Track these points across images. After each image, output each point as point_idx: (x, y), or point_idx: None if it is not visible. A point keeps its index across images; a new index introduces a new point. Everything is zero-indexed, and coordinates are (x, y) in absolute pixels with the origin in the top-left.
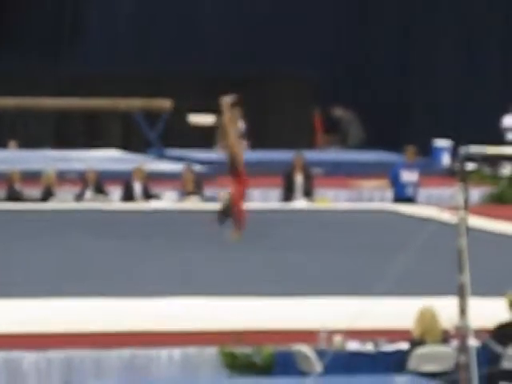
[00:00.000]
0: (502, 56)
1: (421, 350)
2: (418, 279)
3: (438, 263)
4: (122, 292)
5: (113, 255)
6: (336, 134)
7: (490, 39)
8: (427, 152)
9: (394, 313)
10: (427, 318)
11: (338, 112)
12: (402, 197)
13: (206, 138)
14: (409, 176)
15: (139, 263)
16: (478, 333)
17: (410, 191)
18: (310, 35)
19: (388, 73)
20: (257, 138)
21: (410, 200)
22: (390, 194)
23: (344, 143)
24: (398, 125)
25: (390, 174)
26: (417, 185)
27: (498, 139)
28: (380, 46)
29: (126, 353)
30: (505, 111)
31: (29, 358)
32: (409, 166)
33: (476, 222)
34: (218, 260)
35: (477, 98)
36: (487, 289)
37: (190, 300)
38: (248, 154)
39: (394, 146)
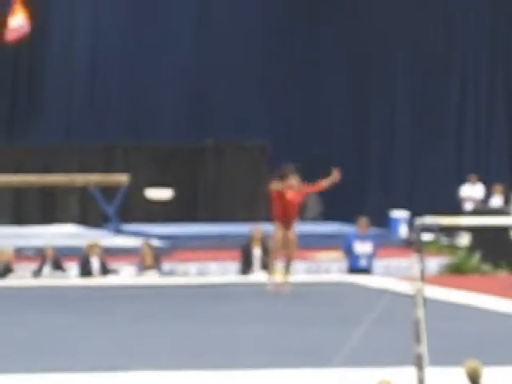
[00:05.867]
0: (458, 127)
1: None
2: (377, 350)
3: (396, 334)
4: (67, 367)
5: (65, 330)
6: None
7: (446, 110)
8: (384, 223)
9: None
10: None
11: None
12: (356, 268)
13: (163, 212)
14: (362, 247)
15: (91, 337)
16: None
17: (364, 262)
18: (266, 104)
19: (344, 145)
20: (214, 210)
21: (364, 271)
22: (345, 264)
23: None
24: (354, 196)
25: (343, 245)
26: (371, 256)
27: (456, 209)
28: (334, 117)
29: None
30: (462, 181)
31: None
32: (361, 238)
33: (434, 292)
34: (169, 335)
35: (433, 168)
36: (445, 359)
37: (157, 373)
38: (205, 228)
39: (352, 217)
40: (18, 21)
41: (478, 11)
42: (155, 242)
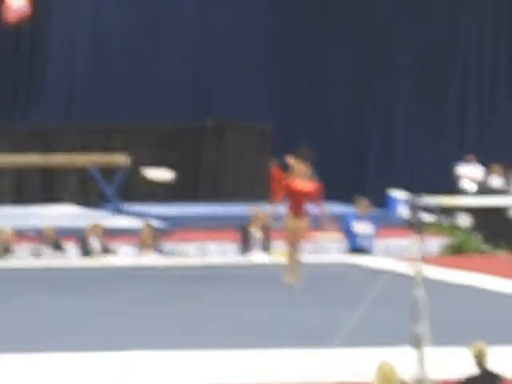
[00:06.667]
0: (460, 107)
1: None
2: (377, 330)
3: (396, 315)
4: (72, 347)
5: (74, 313)
6: None
7: (446, 90)
8: (383, 203)
9: (353, 365)
10: (386, 372)
11: (291, 161)
12: (356, 248)
13: (163, 192)
14: (362, 227)
15: (92, 319)
16: None
17: (364, 243)
18: (267, 87)
19: (342, 124)
20: (214, 190)
21: (365, 251)
22: (344, 245)
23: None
24: (353, 176)
25: (343, 226)
26: (371, 236)
27: (456, 189)
28: (335, 98)
29: None
30: (459, 160)
31: None
32: (361, 218)
33: (435, 272)
34: (172, 315)
35: (432, 148)
36: (446, 339)
37: (158, 353)
38: (205, 208)
39: (350, 197)
40: (18, 1)
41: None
42: (155, 223)
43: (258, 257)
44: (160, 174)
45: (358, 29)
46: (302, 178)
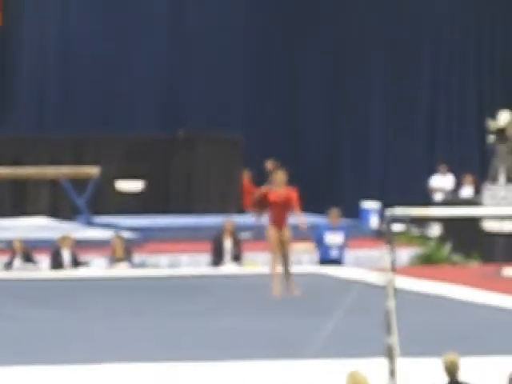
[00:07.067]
0: (430, 119)
1: None
2: (348, 341)
3: (367, 325)
4: (39, 360)
5: (49, 325)
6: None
7: (418, 102)
8: (355, 214)
9: (325, 375)
10: (358, 382)
11: (271, 166)
12: (327, 259)
13: (134, 203)
14: (333, 238)
15: (63, 331)
16: None
17: (335, 253)
18: (240, 98)
19: (316, 135)
20: (185, 201)
21: (335, 262)
22: (316, 255)
23: None
24: (326, 187)
25: (314, 236)
26: (342, 247)
27: (427, 200)
28: (308, 109)
29: None
30: (432, 172)
31: None
32: (333, 229)
33: (405, 283)
34: (143, 326)
35: (404, 159)
36: (417, 350)
37: (126, 366)
38: (176, 220)
39: (323, 208)
40: None
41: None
42: (126, 234)
43: (229, 268)
44: (130, 185)
45: (330, 31)
46: (281, 187)
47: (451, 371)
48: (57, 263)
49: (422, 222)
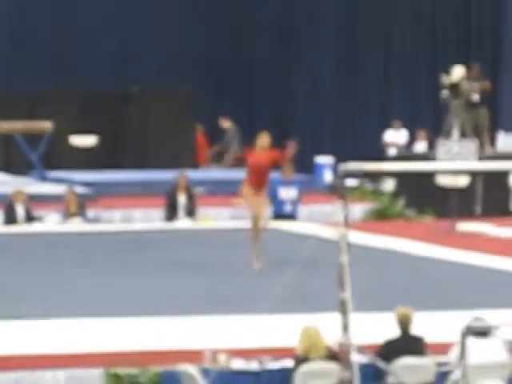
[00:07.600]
0: (383, 73)
1: (305, 367)
2: (302, 296)
3: (321, 280)
4: (3, 314)
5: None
6: (219, 146)
7: (372, 56)
8: (309, 169)
9: (278, 330)
10: (311, 335)
11: (226, 124)
12: (281, 214)
13: (87, 158)
14: (287, 193)
15: (23, 286)
16: (363, 349)
17: (288, 208)
18: (191, 50)
19: (268, 89)
20: (139, 157)
21: (289, 217)
22: (270, 210)
23: (222, 158)
24: (279, 143)
25: (268, 191)
26: (296, 202)
27: (380, 155)
28: (260, 61)
29: (11, 376)
30: (385, 127)
31: None
32: (286, 183)
33: (358, 237)
34: (101, 283)
35: (358, 114)
36: (370, 305)
37: (74, 321)
38: (129, 174)
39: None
40: None
41: None
42: (79, 189)
43: (183, 223)
44: (83, 140)
45: None
46: (263, 151)
47: (404, 324)
48: (10, 218)
49: (376, 176)
